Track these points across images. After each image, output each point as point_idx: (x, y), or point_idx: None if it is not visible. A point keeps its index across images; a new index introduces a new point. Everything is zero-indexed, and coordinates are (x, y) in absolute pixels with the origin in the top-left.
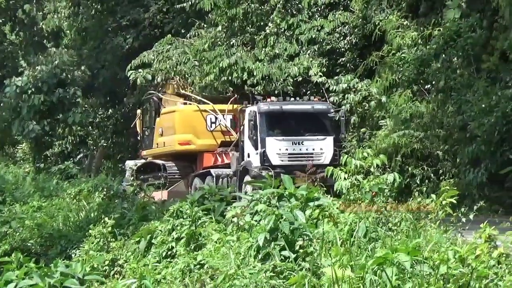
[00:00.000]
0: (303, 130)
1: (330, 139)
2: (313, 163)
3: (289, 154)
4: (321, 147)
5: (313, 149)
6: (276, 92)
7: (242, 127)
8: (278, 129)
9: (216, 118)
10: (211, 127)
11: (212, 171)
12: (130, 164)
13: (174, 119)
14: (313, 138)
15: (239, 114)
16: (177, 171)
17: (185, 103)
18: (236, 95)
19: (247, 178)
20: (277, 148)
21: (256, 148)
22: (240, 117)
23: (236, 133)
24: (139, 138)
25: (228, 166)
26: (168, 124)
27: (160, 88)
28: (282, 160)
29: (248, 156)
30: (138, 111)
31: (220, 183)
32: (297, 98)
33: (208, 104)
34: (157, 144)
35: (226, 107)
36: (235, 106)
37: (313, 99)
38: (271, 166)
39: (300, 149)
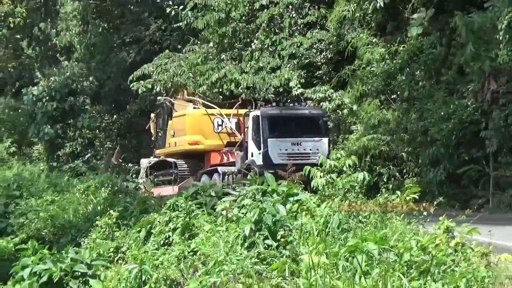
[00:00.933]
0: (301, 132)
1: (325, 140)
2: (309, 161)
3: (288, 153)
4: (317, 148)
5: (310, 149)
6: (260, 99)
7: (246, 130)
8: (278, 131)
9: (222, 121)
10: (217, 129)
11: (219, 168)
12: (144, 162)
13: (185, 121)
14: (310, 139)
15: (244, 118)
16: (187, 168)
17: (194, 108)
18: (240, 101)
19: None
20: (278, 148)
21: (259, 148)
22: (244, 120)
23: (240, 135)
24: (152, 139)
25: (233, 164)
26: (179, 126)
27: (172, 94)
28: (282, 159)
29: (252, 156)
30: (152, 114)
31: (226, 179)
32: (295, 104)
33: (215, 108)
34: (169, 144)
35: (231, 112)
36: (239, 110)
37: (309, 105)
38: (272, 165)
39: (298, 149)
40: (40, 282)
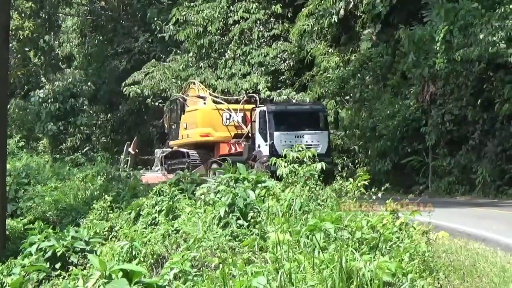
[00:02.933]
0: (303, 126)
1: (325, 133)
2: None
3: (292, 145)
4: (318, 140)
5: (312, 141)
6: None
7: (253, 123)
8: (283, 125)
9: (230, 115)
10: (226, 122)
11: (228, 158)
12: (158, 152)
13: (197, 116)
14: (311, 132)
15: (251, 113)
16: (198, 158)
17: (204, 103)
18: (245, 98)
19: (258, 164)
20: (283, 140)
21: (266, 141)
22: (251, 115)
23: (246, 128)
24: (166, 131)
25: (240, 154)
26: (191, 120)
27: (184, 92)
28: (286, 150)
29: (259, 147)
30: (165, 109)
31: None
32: (298, 100)
33: (223, 104)
34: (182, 136)
35: (238, 107)
36: (245, 106)
37: (310, 101)
38: (277, 155)
39: (301, 141)
40: (45, 257)
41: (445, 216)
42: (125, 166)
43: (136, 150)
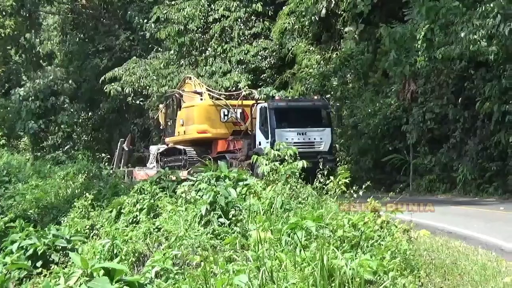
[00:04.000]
0: (306, 123)
1: (328, 130)
2: (314, 149)
3: (294, 143)
4: (321, 137)
5: (314, 139)
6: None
7: (254, 120)
8: (285, 122)
9: (228, 111)
10: (224, 119)
11: (227, 155)
12: (153, 148)
13: (194, 112)
14: (314, 129)
15: (251, 109)
16: (195, 155)
17: (201, 99)
18: (244, 93)
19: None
20: (285, 137)
21: (267, 138)
22: (252, 111)
23: (244, 124)
24: (161, 128)
25: (239, 151)
26: (188, 116)
27: (180, 87)
28: None
29: (260, 144)
30: (161, 105)
31: (233, 166)
32: (300, 97)
33: (221, 99)
34: (178, 132)
35: (236, 103)
36: (244, 102)
37: (313, 97)
38: None
39: (304, 139)
40: (26, 255)
41: (426, 214)
42: (120, 162)
43: (131, 147)
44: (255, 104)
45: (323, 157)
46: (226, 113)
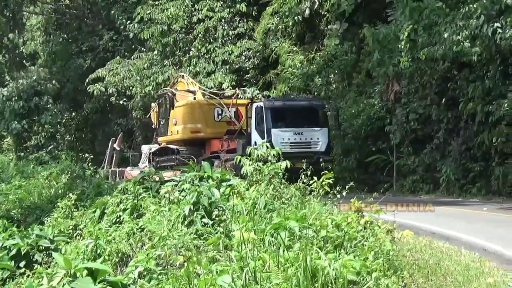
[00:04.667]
0: (302, 123)
1: (325, 130)
2: (311, 149)
3: (291, 143)
4: (318, 137)
5: (311, 139)
6: None
7: (249, 119)
8: (281, 122)
9: (222, 110)
10: (217, 118)
11: (221, 155)
12: (145, 148)
13: (187, 111)
14: (311, 129)
15: (246, 108)
16: (189, 155)
17: (194, 98)
18: (238, 92)
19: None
20: (281, 137)
21: (263, 138)
22: (247, 110)
23: (239, 124)
24: (153, 127)
25: (233, 151)
26: (181, 115)
27: (172, 86)
28: (285, 148)
29: (255, 144)
30: (153, 104)
31: (228, 165)
32: (297, 96)
33: (215, 98)
34: (171, 132)
35: (230, 102)
36: (238, 101)
37: (309, 97)
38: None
39: (300, 139)
40: (10, 255)
41: (409, 215)
42: (111, 162)
43: (121, 147)
44: (250, 103)
45: (321, 158)
46: (220, 112)
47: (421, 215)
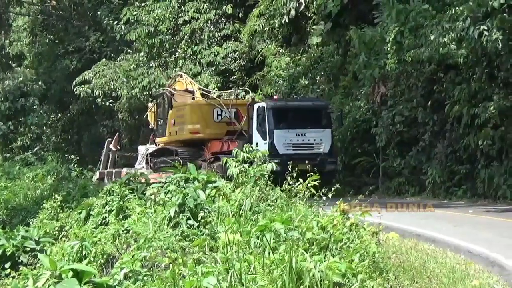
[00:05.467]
0: (305, 123)
1: (328, 131)
2: (314, 151)
3: (293, 144)
4: (321, 138)
5: (314, 140)
6: None
7: (250, 120)
8: (283, 122)
9: (221, 110)
10: (217, 118)
11: (221, 156)
12: (142, 149)
13: (186, 111)
14: (314, 130)
15: (248, 109)
16: (188, 156)
17: (193, 98)
18: (238, 92)
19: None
20: (283, 139)
21: (265, 139)
22: (248, 111)
23: (239, 124)
24: (150, 127)
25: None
26: (180, 116)
27: (171, 85)
28: (287, 149)
29: (257, 145)
30: (150, 104)
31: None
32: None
33: (215, 98)
34: (170, 132)
35: (230, 102)
36: (238, 101)
37: (312, 97)
38: (278, 155)
39: (303, 140)
40: None
41: (395, 217)
42: (107, 163)
43: (118, 147)
44: (251, 104)
45: (324, 160)
46: (219, 112)
47: (407, 217)
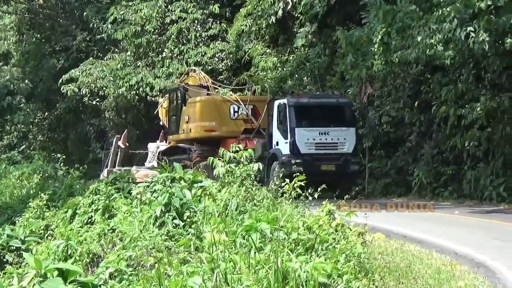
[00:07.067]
0: (328, 122)
1: (352, 130)
2: (337, 151)
3: (316, 143)
4: (345, 137)
5: (338, 139)
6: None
7: (270, 118)
8: (306, 121)
9: (238, 107)
10: (234, 115)
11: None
12: (152, 146)
13: (200, 108)
14: (337, 128)
15: (267, 106)
16: (202, 155)
17: (208, 94)
18: (255, 88)
19: (275, 164)
20: (305, 137)
21: (286, 138)
22: (268, 108)
23: (256, 122)
24: (161, 123)
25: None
26: (194, 112)
27: (182, 80)
28: (309, 149)
29: (277, 144)
30: (161, 100)
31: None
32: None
33: (231, 94)
34: (183, 130)
35: (247, 98)
36: (255, 97)
37: (335, 94)
38: (300, 154)
39: (326, 139)
40: None
41: (381, 217)
42: (115, 162)
43: (127, 144)
44: (272, 100)
45: (347, 160)
46: (236, 109)
47: (393, 218)
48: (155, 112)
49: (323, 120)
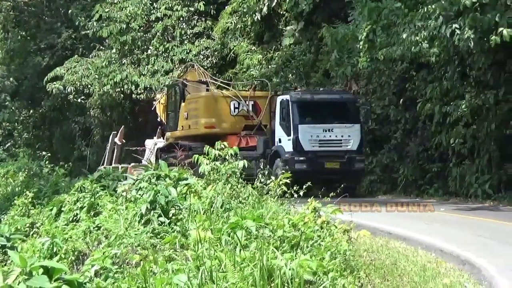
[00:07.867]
0: (333, 118)
1: (357, 127)
2: (342, 148)
3: (320, 140)
4: (349, 134)
5: (342, 136)
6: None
7: (272, 114)
8: (309, 117)
9: (239, 103)
10: (234, 112)
11: (240, 153)
12: (149, 142)
13: (200, 104)
14: (342, 125)
15: (269, 102)
16: (202, 152)
17: (207, 90)
18: (256, 84)
19: (278, 161)
20: (309, 134)
21: (289, 134)
22: (270, 104)
23: (257, 118)
24: (158, 120)
25: (253, 148)
26: (193, 109)
27: (182, 75)
28: (313, 146)
29: (280, 141)
30: (158, 95)
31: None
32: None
33: (231, 90)
34: (182, 126)
35: (248, 94)
36: (256, 93)
37: (340, 90)
38: (303, 151)
39: (330, 136)
40: None
41: (366, 215)
42: (111, 159)
43: (123, 141)
44: (274, 96)
45: (352, 157)
46: (236, 105)
47: (378, 215)
48: (152, 108)
49: (327, 116)
